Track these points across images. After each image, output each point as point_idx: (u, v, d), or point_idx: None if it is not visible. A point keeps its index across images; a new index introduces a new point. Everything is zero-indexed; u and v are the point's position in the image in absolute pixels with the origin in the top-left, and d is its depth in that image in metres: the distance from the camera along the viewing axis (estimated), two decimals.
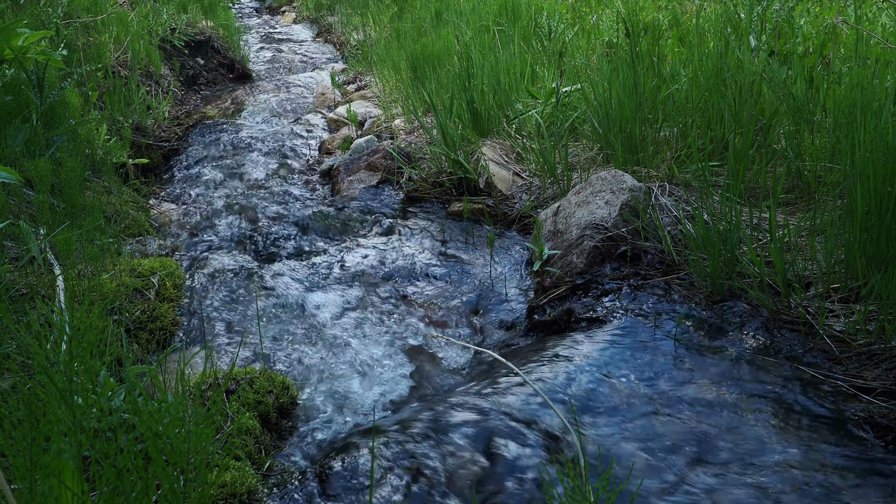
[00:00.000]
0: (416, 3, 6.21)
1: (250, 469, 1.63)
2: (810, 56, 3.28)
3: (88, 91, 3.65)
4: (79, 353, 1.02)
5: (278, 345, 2.29)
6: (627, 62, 3.03)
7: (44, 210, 2.33)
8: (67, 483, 1.00)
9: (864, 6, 3.71)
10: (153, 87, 4.66)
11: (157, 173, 3.96)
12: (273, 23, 9.30)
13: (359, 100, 4.93)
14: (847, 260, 2.06)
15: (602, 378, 1.86)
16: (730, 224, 2.15)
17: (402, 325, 2.41)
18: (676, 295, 2.22)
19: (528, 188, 3.18)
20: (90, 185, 3.08)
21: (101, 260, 2.35)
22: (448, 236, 2.99)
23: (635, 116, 2.94)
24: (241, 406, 1.83)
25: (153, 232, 3.11)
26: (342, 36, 7.32)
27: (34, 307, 1.95)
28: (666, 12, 4.43)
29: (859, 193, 1.97)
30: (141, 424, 1.01)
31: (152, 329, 2.25)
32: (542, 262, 2.48)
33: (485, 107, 3.57)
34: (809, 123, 2.72)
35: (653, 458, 1.59)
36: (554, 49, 4.04)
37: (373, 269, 2.75)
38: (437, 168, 3.43)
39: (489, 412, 1.76)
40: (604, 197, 2.59)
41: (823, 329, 1.94)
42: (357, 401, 2.04)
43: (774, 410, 1.70)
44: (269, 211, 3.36)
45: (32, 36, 2.85)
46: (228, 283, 2.63)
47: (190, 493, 1.06)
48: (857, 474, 1.52)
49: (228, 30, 6.16)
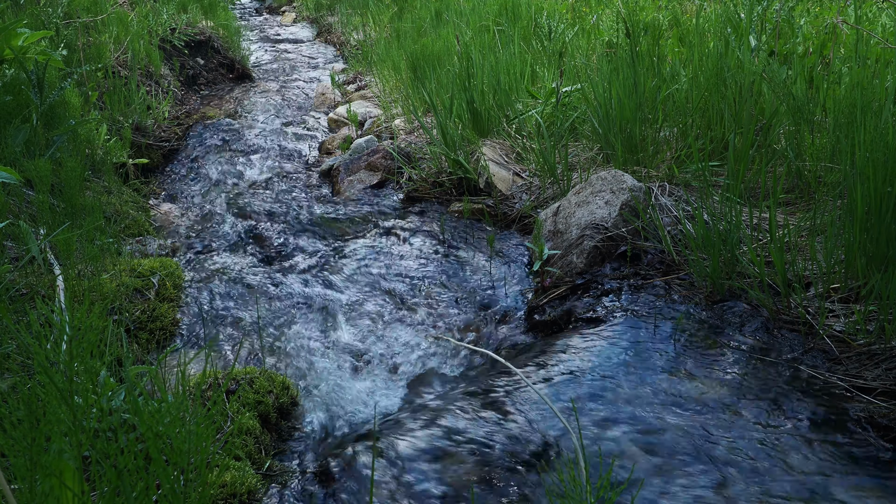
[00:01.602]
0: (416, 3, 6.21)
1: (250, 469, 1.63)
2: (810, 56, 3.29)
3: (88, 91, 3.65)
4: (79, 354, 1.02)
5: (278, 345, 2.29)
6: (627, 62, 3.03)
7: (44, 210, 2.33)
8: (68, 483, 1.00)
9: (864, 6, 3.71)
10: (153, 87, 4.66)
11: (157, 173, 3.96)
12: (273, 23, 9.30)
13: (359, 100, 4.93)
14: (847, 260, 2.06)
15: (602, 378, 1.86)
16: (730, 224, 2.15)
17: (401, 325, 2.41)
18: (676, 295, 2.22)
19: (528, 188, 3.18)
20: (90, 185, 3.08)
21: (101, 260, 2.35)
22: (448, 236, 2.99)
23: (635, 116, 2.94)
24: (241, 406, 1.83)
25: (153, 232, 3.11)
26: (342, 36, 7.32)
27: (34, 307, 1.95)
28: (666, 12, 4.44)
29: (859, 193, 1.97)
30: (141, 424, 1.01)
31: (152, 329, 2.25)
32: (542, 262, 2.48)
33: (485, 107, 3.57)
34: (809, 123, 2.72)
35: (653, 457, 1.59)
36: (554, 49, 4.04)
37: (372, 269, 2.75)
38: (437, 168, 3.43)
39: (489, 413, 1.76)
40: (604, 197, 2.59)
41: (823, 329, 1.94)
42: (357, 401, 2.04)
43: (774, 411, 1.71)
44: (268, 211, 3.36)
45: (32, 36, 2.85)
46: (228, 283, 2.63)
47: (190, 494, 1.06)
48: (857, 474, 1.52)
49: (228, 30, 6.16)
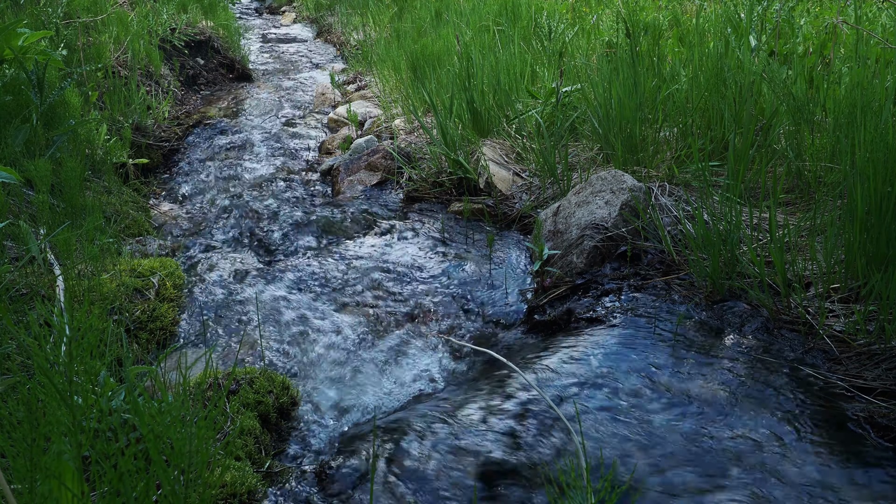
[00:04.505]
0: (416, 3, 6.21)
1: (250, 469, 1.63)
2: (810, 56, 3.29)
3: (88, 91, 3.65)
4: (78, 354, 1.02)
5: (278, 345, 2.29)
6: (627, 62, 3.03)
7: (44, 210, 2.33)
8: (68, 484, 1.00)
9: (864, 6, 3.71)
10: (153, 87, 4.65)
11: (157, 173, 3.96)
12: (273, 23, 9.30)
13: (359, 100, 4.92)
14: (847, 260, 2.06)
15: (602, 378, 1.86)
16: (730, 224, 2.15)
17: (402, 325, 2.41)
18: (676, 295, 2.22)
19: (528, 188, 3.18)
20: (90, 185, 3.08)
21: (101, 260, 2.34)
22: (448, 236, 2.99)
23: (635, 116, 2.94)
24: (241, 406, 1.83)
25: (153, 232, 3.11)
26: (342, 36, 7.32)
27: (34, 307, 1.94)
28: (666, 12, 4.44)
29: (859, 193, 1.97)
30: (141, 425, 1.01)
31: (152, 329, 2.25)
32: (542, 262, 2.48)
33: (485, 107, 3.57)
34: (809, 123, 2.72)
35: (653, 457, 1.59)
36: (554, 49, 4.04)
37: (372, 269, 2.75)
38: (437, 168, 3.43)
39: (490, 413, 1.76)
40: (604, 197, 2.59)
41: (823, 329, 1.94)
42: (357, 401, 2.04)
43: (774, 410, 1.71)
44: (268, 211, 3.36)
45: (32, 36, 2.85)
46: (228, 283, 2.63)
47: (190, 494, 1.06)
48: (857, 474, 1.52)
49: (228, 30, 6.16)
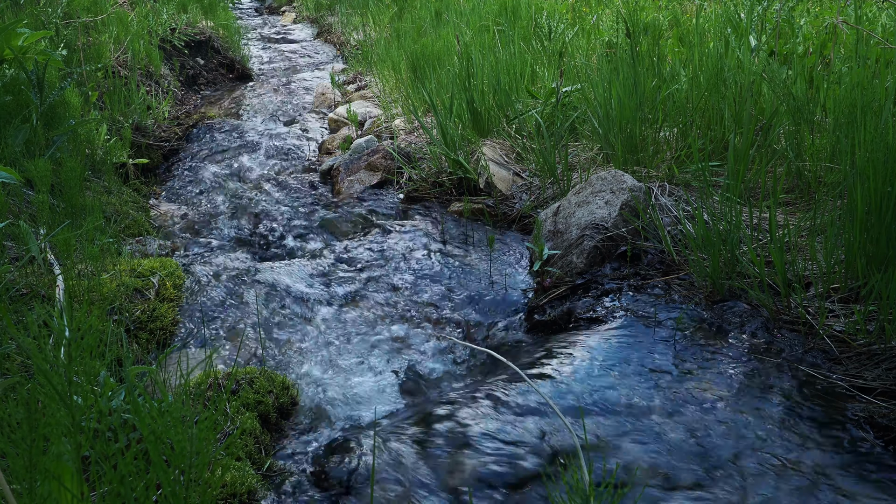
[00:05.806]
0: (416, 3, 6.21)
1: (250, 469, 1.63)
2: (810, 56, 3.28)
3: (88, 91, 3.65)
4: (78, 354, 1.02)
5: (278, 345, 2.29)
6: (627, 62, 3.03)
7: (44, 210, 2.33)
8: (67, 485, 1.00)
9: (864, 6, 3.71)
10: (153, 87, 4.65)
11: (157, 173, 3.96)
12: (273, 23, 9.29)
13: (359, 100, 4.92)
14: (847, 260, 2.06)
15: (602, 378, 1.86)
16: (730, 224, 2.15)
17: (402, 325, 2.41)
18: (676, 295, 2.22)
19: (528, 188, 3.18)
20: (90, 185, 3.08)
21: (101, 260, 2.34)
22: (448, 236, 2.99)
23: (635, 116, 2.94)
24: (241, 406, 1.83)
25: (153, 232, 3.11)
26: (342, 36, 7.31)
27: (33, 307, 1.94)
28: (666, 12, 4.43)
29: (859, 193, 1.97)
30: (142, 425, 1.01)
31: (152, 329, 2.25)
32: (542, 262, 2.48)
33: (485, 107, 3.57)
34: (809, 123, 2.72)
35: (653, 457, 1.59)
36: (554, 49, 4.04)
37: (372, 269, 2.75)
38: (437, 168, 3.42)
39: (490, 412, 1.76)
40: (604, 197, 2.59)
41: (823, 329, 1.94)
42: (357, 401, 2.04)
43: (774, 410, 1.70)
44: (268, 211, 3.36)
45: (32, 36, 2.85)
46: (228, 283, 2.63)
47: (190, 495, 1.06)
48: (857, 474, 1.52)
49: (228, 30, 6.16)
